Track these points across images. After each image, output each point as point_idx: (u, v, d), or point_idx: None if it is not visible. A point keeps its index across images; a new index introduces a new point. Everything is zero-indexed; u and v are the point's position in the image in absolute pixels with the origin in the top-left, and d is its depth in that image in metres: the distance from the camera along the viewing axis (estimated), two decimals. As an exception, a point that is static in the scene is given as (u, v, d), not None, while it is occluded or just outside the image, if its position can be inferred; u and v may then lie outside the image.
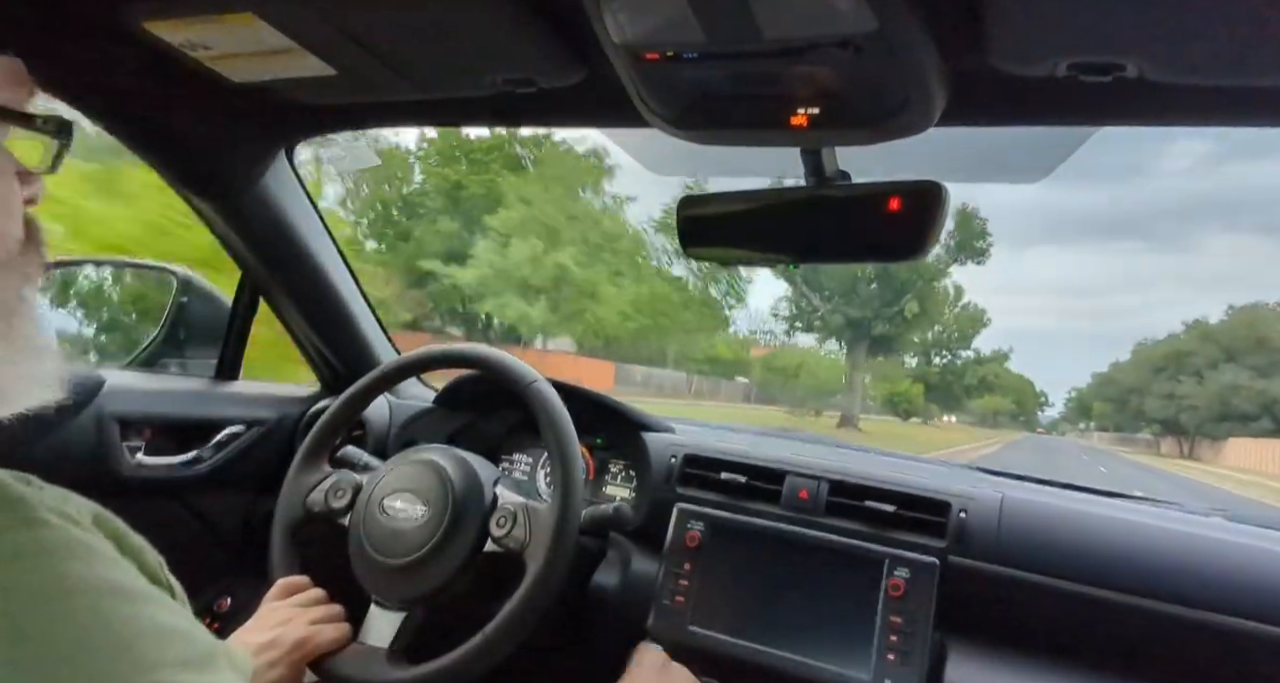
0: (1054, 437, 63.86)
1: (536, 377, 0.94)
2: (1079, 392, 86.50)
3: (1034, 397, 77.75)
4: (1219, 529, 0.93)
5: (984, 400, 51.52)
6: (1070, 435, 74.25)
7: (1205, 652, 0.82)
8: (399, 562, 0.86)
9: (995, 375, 46.59)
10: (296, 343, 1.41)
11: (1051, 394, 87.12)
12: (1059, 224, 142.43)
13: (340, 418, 1.02)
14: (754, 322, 30.33)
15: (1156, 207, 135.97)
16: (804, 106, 0.68)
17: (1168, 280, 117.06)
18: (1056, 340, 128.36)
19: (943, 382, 40.70)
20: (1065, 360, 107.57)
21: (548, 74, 0.80)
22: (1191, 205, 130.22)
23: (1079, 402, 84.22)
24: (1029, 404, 73.46)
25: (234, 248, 1.24)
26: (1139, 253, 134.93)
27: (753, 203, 0.84)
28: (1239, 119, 0.73)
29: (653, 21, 0.61)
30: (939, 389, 41.03)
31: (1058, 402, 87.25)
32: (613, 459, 1.24)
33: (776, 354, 31.36)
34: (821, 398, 30.26)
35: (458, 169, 12.99)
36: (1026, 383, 69.86)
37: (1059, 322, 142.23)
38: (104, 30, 0.78)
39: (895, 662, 0.87)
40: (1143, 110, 0.73)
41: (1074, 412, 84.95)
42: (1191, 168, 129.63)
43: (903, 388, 36.65)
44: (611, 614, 1.04)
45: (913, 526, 0.96)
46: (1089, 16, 0.57)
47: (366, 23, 0.74)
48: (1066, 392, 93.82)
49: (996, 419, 60.79)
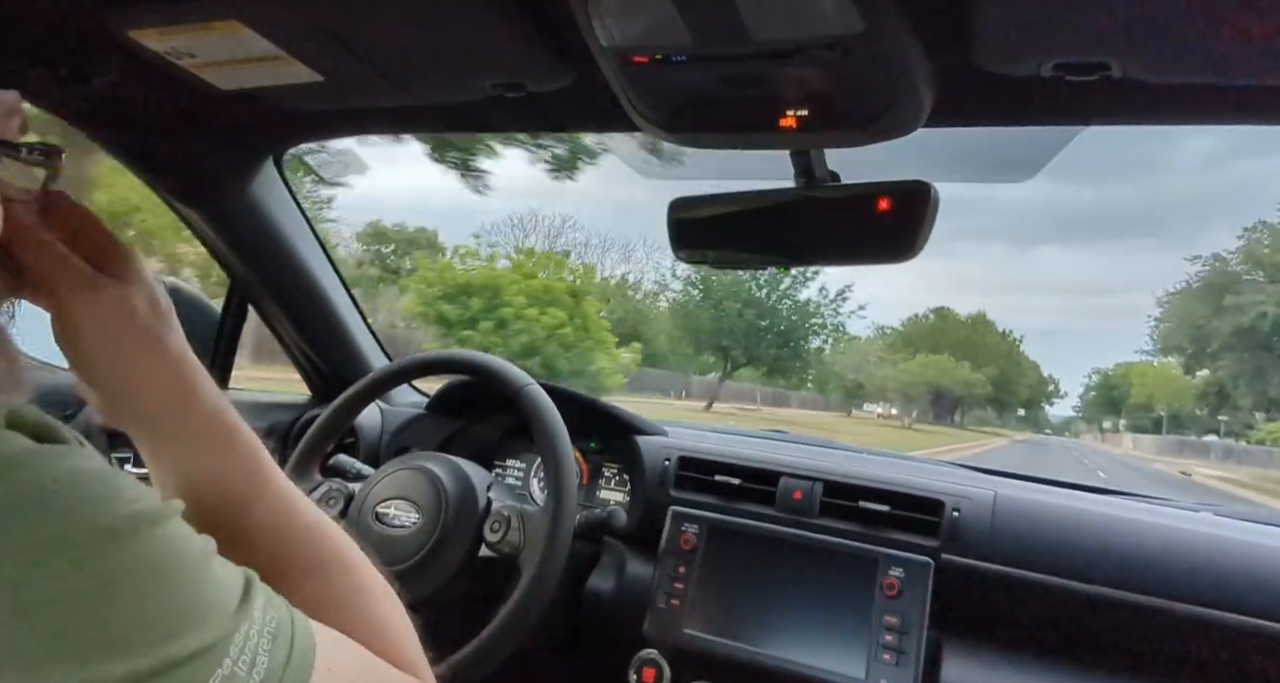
0: (1063, 440, 53.91)
1: (528, 381, 0.94)
2: (1103, 376, 69.81)
3: (1036, 385, 63.56)
4: (1209, 524, 0.93)
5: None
6: (1086, 437, 60.40)
7: (1197, 647, 0.83)
8: (393, 569, 0.86)
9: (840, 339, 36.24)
10: (286, 351, 1.41)
11: (1060, 395, 73.20)
12: (1066, 223, 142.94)
13: (331, 426, 1.02)
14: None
15: (1167, 204, 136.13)
16: (793, 108, 0.69)
17: (1179, 279, 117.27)
18: (1062, 339, 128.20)
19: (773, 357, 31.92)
20: (1070, 359, 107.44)
21: (536, 78, 0.80)
22: (1203, 203, 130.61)
23: (1103, 388, 68.31)
24: (1023, 392, 59.49)
25: (223, 256, 1.24)
26: (1150, 251, 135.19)
27: (743, 205, 0.84)
28: (1224, 118, 0.74)
29: (640, 25, 0.62)
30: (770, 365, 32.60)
31: (1071, 392, 73.35)
32: (606, 463, 1.24)
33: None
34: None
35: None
36: (1015, 363, 57.84)
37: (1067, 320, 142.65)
38: (89, 39, 0.78)
39: (890, 661, 0.87)
40: (1128, 109, 0.73)
41: (1096, 404, 69.94)
42: (1202, 165, 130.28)
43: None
44: (607, 618, 1.04)
45: (907, 525, 0.97)
46: (1074, 17, 0.58)
47: (353, 29, 0.74)
48: (1085, 375, 78.54)
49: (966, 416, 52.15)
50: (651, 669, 0.97)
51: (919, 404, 47.70)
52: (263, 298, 1.31)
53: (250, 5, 0.69)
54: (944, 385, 46.66)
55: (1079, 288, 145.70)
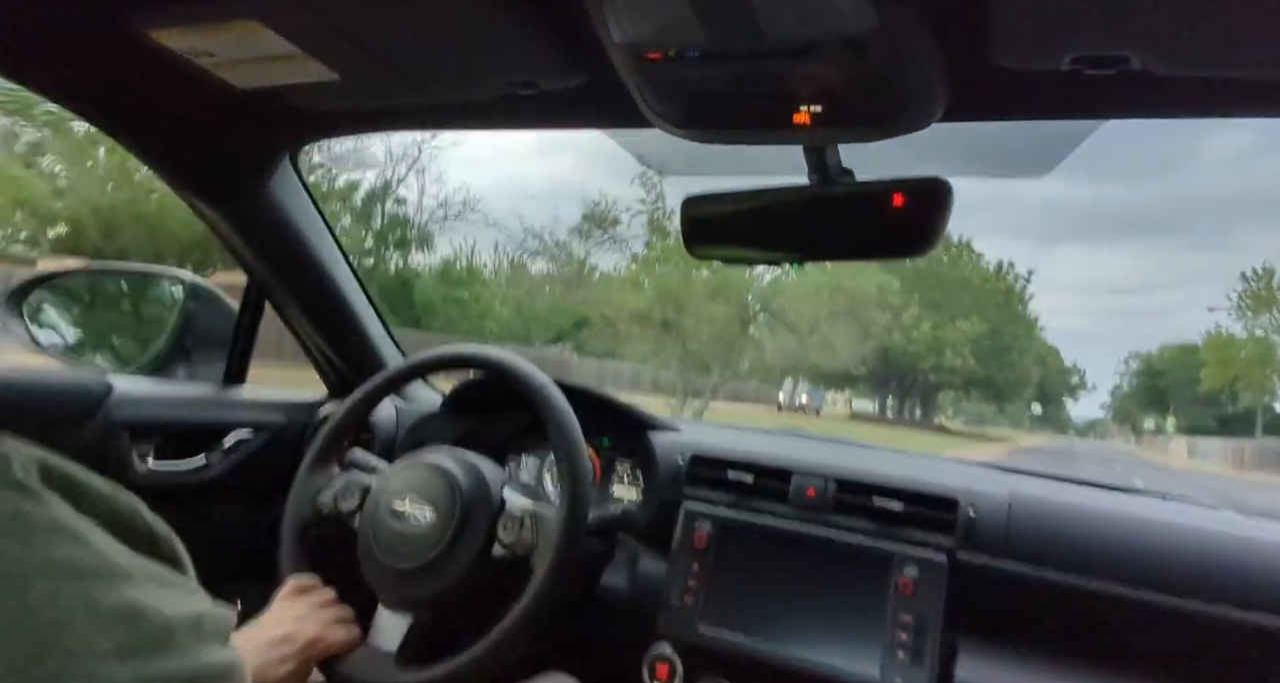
0: (1088, 443, 41.17)
1: (542, 377, 0.94)
2: (1145, 361, 52.43)
3: (1053, 372, 47.38)
4: (1231, 523, 0.92)
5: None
6: (1116, 442, 44.36)
7: (1219, 647, 0.82)
8: (407, 565, 0.86)
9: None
10: (303, 347, 1.42)
11: (1085, 388, 58.05)
12: (1090, 221, 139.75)
13: (348, 421, 1.03)
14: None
15: (1194, 202, 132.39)
16: (807, 104, 0.68)
17: (1207, 278, 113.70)
18: (1086, 341, 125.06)
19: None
20: (1093, 362, 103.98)
21: (550, 76, 0.80)
22: (1231, 201, 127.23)
23: (1147, 377, 50.86)
24: (1028, 372, 37.41)
25: (240, 253, 1.25)
26: (1177, 250, 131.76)
27: (756, 202, 0.84)
28: (1244, 110, 0.73)
29: (654, 21, 0.61)
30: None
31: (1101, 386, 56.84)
32: (619, 460, 1.24)
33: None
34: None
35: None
36: (1013, 317, 36.35)
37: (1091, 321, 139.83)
38: (109, 39, 0.79)
39: (905, 660, 0.87)
40: (1147, 102, 0.72)
41: (1134, 398, 54.02)
42: (1230, 161, 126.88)
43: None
44: (620, 615, 1.04)
45: (921, 523, 0.96)
46: (1095, 10, 0.57)
47: (369, 28, 0.74)
48: (1121, 362, 58.80)
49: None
50: (665, 666, 0.97)
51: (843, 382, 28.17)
52: (279, 294, 1.32)
53: (268, 5, 0.70)
54: (891, 350, 27.89)
55: (1102, 288, 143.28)
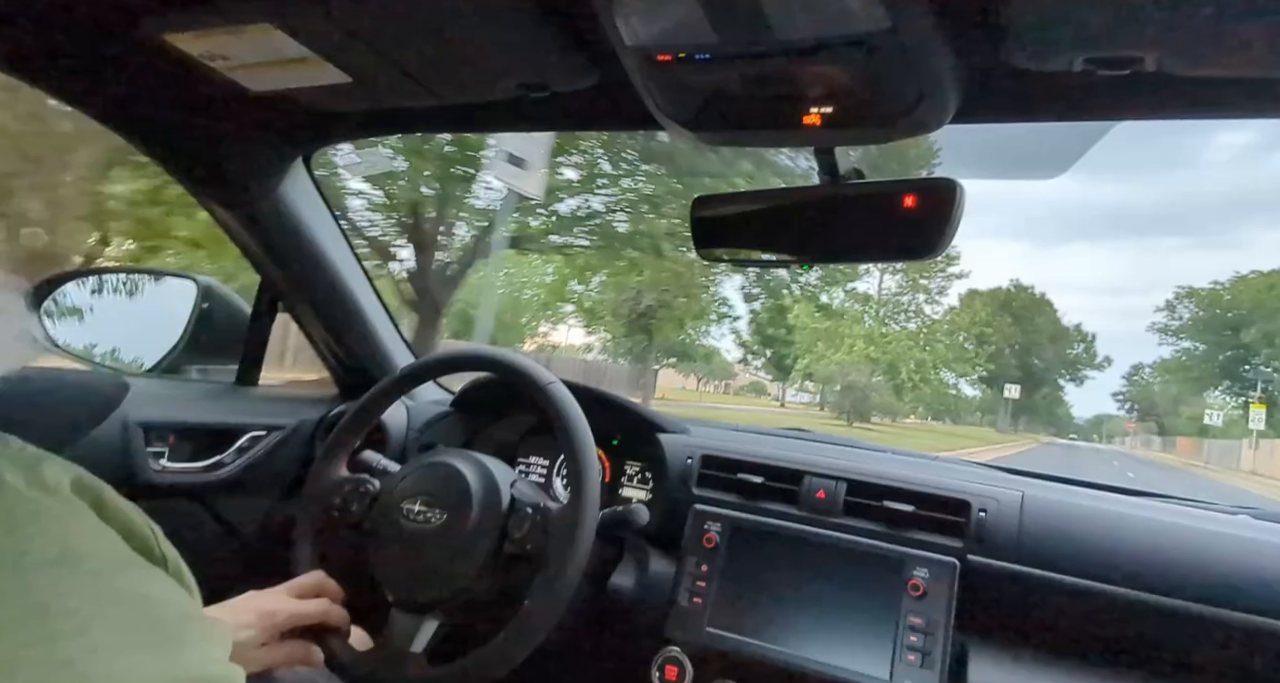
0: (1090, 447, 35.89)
1: (552, 379, 0.94)
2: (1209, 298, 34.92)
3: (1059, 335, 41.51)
4: (1245, 527, 0.91)
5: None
6: (1127, 444, 38.92)
7: (1233, 652, 0.81)
8: (418, 565, 0.87)
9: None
10: (315, 348, 1.43)
11: (1077, 418, 54.58)
12: (1093, 221, 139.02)
13: (359, 422, 1.03)
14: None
15: (1199, 201, 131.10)
16: (817, 106, 0.68)
17: (1212, 277, 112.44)
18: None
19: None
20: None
21: (561, 78, 0.80)
22: (1237, 199, 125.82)
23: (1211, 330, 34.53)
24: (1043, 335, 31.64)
25: (253, 255, 1.26)
26: (1182, 249, 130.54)
27: (766, 203, 0.84)
28: (1258, 110, 0.72)
29: (664, 24, 0.62)
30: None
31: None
32: (629, 461, 1.24)
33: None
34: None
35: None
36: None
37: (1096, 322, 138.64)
38: (125, 42, 0.80)
39: (915, 663, 0.87)
40: (1160, 103, 0.72)
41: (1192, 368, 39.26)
42: (1235, 160, 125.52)
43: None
44: (629, 616, 1.04)
45: (932, 525, 0.96)
46: (1108, 10, 0.57)
47: (382, 31, 0.75)
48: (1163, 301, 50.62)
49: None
50: (674, 668, 0.97)
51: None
52: (292, 296, 1.33)
53: (282, 9, 0.71)
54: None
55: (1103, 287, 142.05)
